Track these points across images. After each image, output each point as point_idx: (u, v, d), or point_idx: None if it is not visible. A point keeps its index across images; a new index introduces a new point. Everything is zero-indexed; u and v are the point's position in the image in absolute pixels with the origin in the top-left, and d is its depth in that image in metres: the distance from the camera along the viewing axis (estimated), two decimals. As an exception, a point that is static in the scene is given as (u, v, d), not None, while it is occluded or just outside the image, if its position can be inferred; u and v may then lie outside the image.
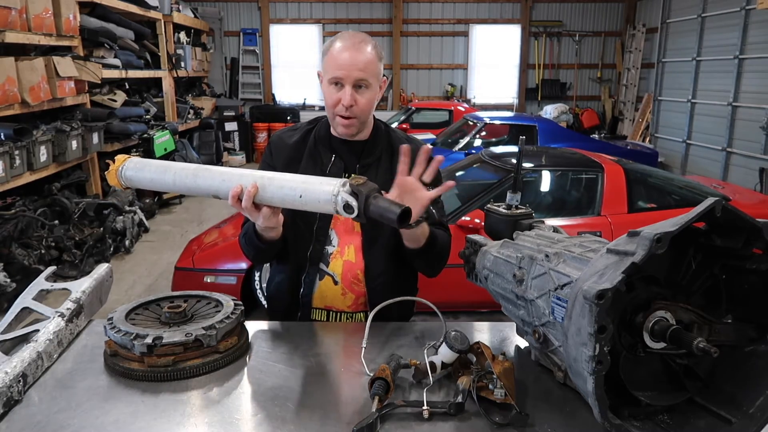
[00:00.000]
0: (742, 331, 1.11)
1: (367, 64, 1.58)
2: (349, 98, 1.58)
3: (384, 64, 1.71)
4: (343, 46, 1.59)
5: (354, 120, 1.62)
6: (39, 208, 5.11)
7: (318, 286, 1.74)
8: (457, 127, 7.93)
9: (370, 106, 1.64)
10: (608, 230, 3.81)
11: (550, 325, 1.21)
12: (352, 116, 1.61)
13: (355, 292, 1.72)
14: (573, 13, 12.92)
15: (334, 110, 1.61)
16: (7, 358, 1.31)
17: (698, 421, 1.08)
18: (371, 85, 1.61)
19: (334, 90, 1.60)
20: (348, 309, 1.74)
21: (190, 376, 1.33)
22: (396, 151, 1.68)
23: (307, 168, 1.73)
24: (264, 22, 12.62)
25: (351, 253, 1.72)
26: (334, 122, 1.65)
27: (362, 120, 1.64)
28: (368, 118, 1.69)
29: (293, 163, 1.75)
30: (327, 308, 1.75)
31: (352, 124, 1.63)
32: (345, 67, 1.57)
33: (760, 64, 7.27)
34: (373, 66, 1.60)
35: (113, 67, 6.72)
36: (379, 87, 1.67)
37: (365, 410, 1.18)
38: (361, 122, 1.65)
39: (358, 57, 1.57)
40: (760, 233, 1.02)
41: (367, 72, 1.58)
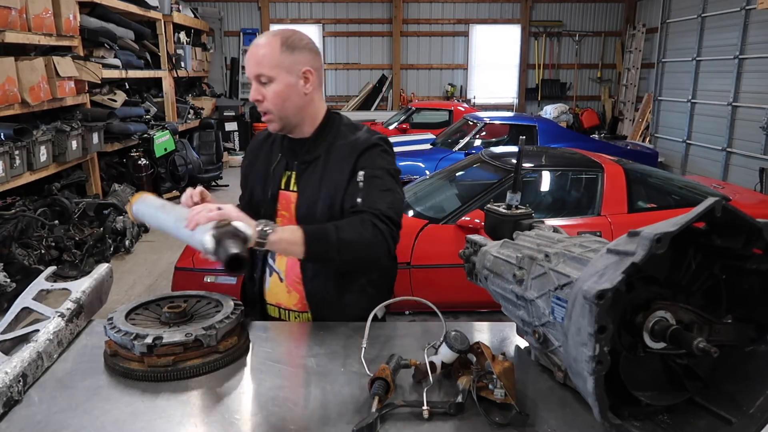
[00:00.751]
0: (742, 331, 1.10)
1: (263, 58, 1.55)
2: (254, 93, 1.58)
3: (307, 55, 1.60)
4: (250, 47, 1.61)
5: (270, 115, 1.61)
6: (39, 208, 5.11)
7: (269, 283, 1.77)
8: (457, 127, 7.93)
9: (281, 98, 1.58)
10: (608, 230, 3.81)
11: (550, 325, 1.21)
12: (266, 111, 1.60)
13: (298, 291, 1.72)
14: (573, 13, 12.92)
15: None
16: (7, 358, 1.31)
17: (698, 421, 1.08)
18: (275, 77, 1.56)
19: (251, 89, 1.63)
20: (294, 308, 1.75)
21: (190, 376, 1.33)
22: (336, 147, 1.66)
23: (259, 165, 1.78)
24: (264, 22, 12.62)
25: None
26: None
27: (279, 114, 1.60)
28: (289, 112, 1.61)
29: (254, 160, 1.81)
30: (277, 305, 1.77)
31: (270, 120, 1.62)
32: (247, 65, 1.59)
33: (760, 64, 7.26)
34: (270, 58, 1.55)
35: (113, 67, 6.72)
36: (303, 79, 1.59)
37: (365, 410, 1.18)
38: (279, 117, 1.61)
39: (254, 53, 1.57)
40: (760, 233, 1.02)
41: (263, 66, 1.55)
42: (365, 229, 1.49)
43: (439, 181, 4.72)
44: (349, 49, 12.93)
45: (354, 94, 12.98)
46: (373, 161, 1.62)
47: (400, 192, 1.64)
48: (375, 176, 1.59)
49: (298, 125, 1.67)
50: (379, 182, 1.59)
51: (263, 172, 1.76)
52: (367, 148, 1.63)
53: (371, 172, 1.60)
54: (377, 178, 1.59)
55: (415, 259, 3.78)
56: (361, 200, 1.55)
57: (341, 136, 1.69)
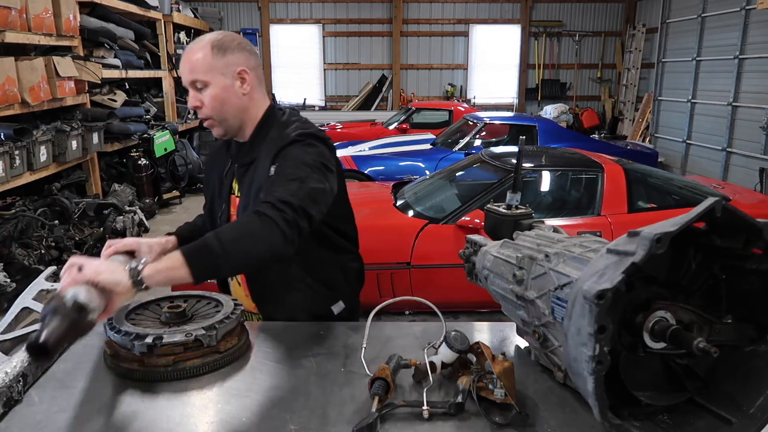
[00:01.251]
0: (742, 331, 1.10)
1: (195, 65, 1.54)
2: (191, 100, 1.57)
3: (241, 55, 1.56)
4: (183, 54, 1.59)
5: (211, 120, 1.59)
6: (39, 208, 5.11)
7: (233, 286, 1.78)
8: (457, 127, 7.93)
9: (219, 102, 1.55)
10: (608, 230, 3.81)
11: (550, 325, 1.21)
12: (206, 117, 1.58)
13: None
14: (573, 13, 12.93)
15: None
16: (7, 358, 1.31)
17: (698, 421, 1.08)
18: (209, 82, 1.54)
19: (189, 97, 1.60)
20: (254, 310, 1.76)
21: (190, 376, 1.33)
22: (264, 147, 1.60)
23: (215, 172, 1.78)
24: (264, 22, 12.63)
25: None
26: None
27: (219, 118, 1.58)
28: (228, 116, 1.59)
29: (212, 167, 1.81)
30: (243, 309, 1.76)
31: (213, 125, 1.60)
32: (181, 72, 1.57)
33: (760, 64, 7.26)
34: (202, 64, 1.53)
35: (113, 67, 6.71)
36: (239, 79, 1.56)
37: (365, 410, 1.18)
38: (220, 121, 1.59)
39: (187, 60, 1.55)
40: (760, 233, 1.02)
41: (196, 72, 1.54)
42: (250, 222, 1.37)
43: (439, 181, 4.72)
44: (349, 49, 12.94)
45: (354, 94, 12.99)
46: (289, 154, 1.53)
47: (317, 181, 1.48)
48: (284, 167, 1.50)
49: (241, 128, 1.64)
50: (289, 172, 1.47)
51: (218, 178, 1.76)
52: (286, 145, 1.55)
53: (281, 165, 1.51)
54: (287, 169, 1.49)
55: (415, 259, 3.78)
56: (263, 194, 1.46)
57: (272, 135, 1.63)
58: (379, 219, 4.13)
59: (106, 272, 1.22)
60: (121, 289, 1.22)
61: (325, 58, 12.94)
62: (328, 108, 13.03)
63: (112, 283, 1.21)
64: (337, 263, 1.76)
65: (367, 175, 6.38)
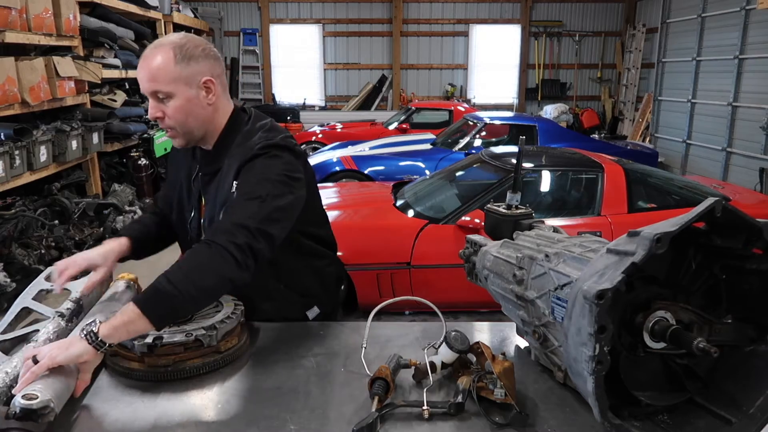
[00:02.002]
0: (742, 331, 1.10)
1: (158, 73, 1.43)
2: (152, 111, 1.47)
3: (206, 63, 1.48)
4: (141, 62, 1.47)
5: (172, 131, 1.50)
6: (39, 208, 5.10)
7: None
8: (457, 127, 7.93)
9: (183, 113, 1.47)
10: (608, 230, 3.81)
11: (550, 325, 1.21)
12: (169, 128, 1.50)
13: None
14: (573, 13, 12.92)
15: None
16: (7, 358, 1.31)
17: (698, 421, 1.08)
18: (174, 93, 1.44)
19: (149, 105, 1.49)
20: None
21: (190, 376, 1.33)
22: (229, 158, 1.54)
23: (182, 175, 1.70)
24: (264, 22, 12.62)
25: None
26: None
27: (183, 130, 1.50)
28: (193, 126, 1.51)
29: (179, 169, 1.73)
30: None
31: (174, 136, 1.52)
32: (140, 82, 1.46)
33: (760, 64, 7.26)
34: (165, 73, 1.43)
35: (113, 67, 6.71)
36: (204, 89, 1.49)
37: (365, 410, 1.18)
38: (184, 132, 1.51)
39: (147, 67, 1.44)
40: (760, 233, 1.02)
41: (158, 82, 1.43)
42: (199, 254, 1.34)
43: (439, 181, 4.72)
44: (349, 49, 12.93)
45: (354, 94, 12.98)
46: (252, 170, 1.46)
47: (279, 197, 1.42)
48: (244, 186, 1.45)
49: (204, 137, 1.56)
50: (248, 191, 1.43)
51: (185, 181, 1.69)
52: (248, 160, 1.48)
53: (242, 183, 1.46)
54: (246, 188, 1.44)
55: (415, 259, 3.78)
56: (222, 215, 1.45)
57: (237, 144, 1.56)
58: (379, 219, 4.13)
59: (63, 352, 1.18)
60: (86, 358, 1.21)
61: (325, 58, 12.94)
62: (328, 108, 13.03)
63: (75, 358, 1.19)
64: (311, 269, 1.73)
65: (367, 175, 6.38)
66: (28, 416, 1.08)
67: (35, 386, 1.14)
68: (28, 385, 1.14)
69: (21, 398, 1.09)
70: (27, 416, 1.08)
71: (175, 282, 1.28)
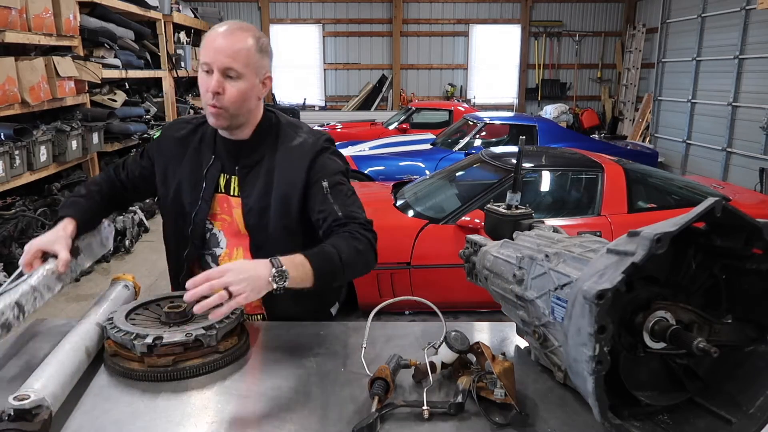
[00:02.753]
0: (742, 331, 1.10)
1: (238, 54, 1.48)
2: (215, 84, 1.48)
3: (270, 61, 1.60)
4: (219, 32, 1.50)
5: (222, 111, 1.52)
6: (39, 208, 5.10)
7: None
8: (457, 127, 7.93)
9: (242, 98, 1.52)
10: (608, 230, 3.81)
11: (550, 325, 1.21)
12: (220, 106, 1.51)
13: None
14: (573, 13, 12.93)
15: (204, 98, 1.53)
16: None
17: (698, 421, 1.08)
18: (243, 75, 1.50)
19: (204, 77, 1.51)
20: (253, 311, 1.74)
21: (190, 376, 1.33)
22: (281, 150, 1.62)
23: (185, 163, 1.68)
24: (264, 22, 12.63)
25: (240, 255, 1.68)
26: (206, 112, 1.57)
27: (233, 112, 1.54)
28: (241, 112, 1.56)
29: (176, 160, 1.70)
30: None
31: (220, 114, 1.53)
32: (214, 52, 1.48)
33: (760, 64, 7.26)
34: (246, 56, 1.49)
35: (113, 67, 6.71)
36: (262, 83, 1.57)
37: (365, 410, 1.18)
38: (231, 115, 1.54)
39: (229, 44, 1.48)
40: (760, 233, 1.02)
41: (237, 61, 1.48)
42: (359, 242, 1.51)
43: (439, 181, 4.72)
44: (349, 49, 12.94)
45: (354, 94, 12.99)
46: (330, 168, 1.61)
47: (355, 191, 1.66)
48: (338, 183, 1.60)
49: (241, 126, 1.61)
50: (344, 188, 1.60)
51: (191, 171, 1.68)
52: (318, 153, 1.61)
53: (333, 180, 1.59)
54: (341, 184, 1.60)
55: (415, 259, 3.79)
56: (341, 211, 1.55)
57: (285, 139, 1.65)
58: (379, 219, 4.10)
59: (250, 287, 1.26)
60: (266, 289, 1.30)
61: (325, 58, 12.94)
62: (328, 108, 13.04)
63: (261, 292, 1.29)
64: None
65: (367, 175, 6.38)
66: (22, 416, 1.08)
67: (32, 385, 1.14)
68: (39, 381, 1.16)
69: (12, 399, 1.09)
70: (21, 416, 1.08)
71: (341, 253, 1.44)
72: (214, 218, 1.69)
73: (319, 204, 1.57)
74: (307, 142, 1.63)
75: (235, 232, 1.68)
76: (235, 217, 1.67)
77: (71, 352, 1.29)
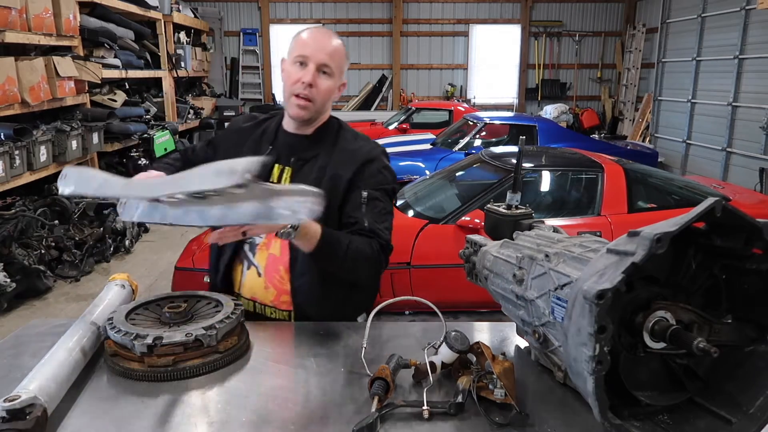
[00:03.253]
0: (742, 331, 1.10)
1: (335, 53, 1.61)
2: (311, 76, 1.58)
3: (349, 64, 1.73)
4: (316, 32, 1.64)
5: (310, 103, 1.61)
6: (39, 208, 5.10)
7: (246, 276, 1.75)
8: (457, 127, 7.93)
9: (328, 95, 1.64)
10: (608, 230, 3.80)
11: (550, 325, 1.21)
12: (310, 98, 1.60)
13: (277, 287, 1.71)
14: (573, 13, 12.92)
15: (292, 88, 1.60)
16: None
17: (698, 421, 1.08)
18: (333, 75, 1.62)
19: (297, 69, 1.60)
20: (270, 303, 1.74)
21: (190, 376, 1.33)
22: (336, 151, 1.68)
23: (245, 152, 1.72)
24: (264, 22, 12.62)
25: (276, 247, 1.71)
26: (290, 102, 1.63)
27: (317, 107, 1.63)
28: (322, 108, 1.66)
29: (234, 149, 1.75)
30: (252, 299, 1.76)
31: (308, 107, 1.61)
32: (313, 47, 1.59)
33: (760, 64, 7.26)
34: (339, 57, 1.62)
35: (113, 67, 6.71)
36: (338, 88, 1.68)
37: (365, 410, 1.18)
38: (315, 109, 1.63)
39: (328, 43, 1.61)
40: (760, 233, 1.02)
41: (333, 60, 1.60)
42: (371, 250, 1.56)
43: (439, 181, 4.72)
44: (349, 49, 12.82)
45: (354, 94, 12.98)
46: (376, 180, 1.66)
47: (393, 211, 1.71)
48: (377, 198, 1.64)
49: (313, 122, 1.69)
50: (381, 205, 1.65)
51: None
52: (369, 161, 1.67)
53: (374, 194, 1.64)
54: (379, 201, 1.64)
55: (415, 259, 3.78)
56: (368, 224, 1.60)
57: (343, 142, 1.72)
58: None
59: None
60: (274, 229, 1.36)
61: (325, 58, 12.93)
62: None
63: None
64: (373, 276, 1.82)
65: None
66: (16, 416, 1.09)
67: (27, 386, 1.14)
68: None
69: (3, 402, 1.09)
70: (14, 417, 1.09)
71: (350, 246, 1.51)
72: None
73: (351, 209, 1.62)
74: (363, 148, 1.70)
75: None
76: None
77: (66, 352, 1.29)
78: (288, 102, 1.64)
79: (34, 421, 1.08)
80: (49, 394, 1.15)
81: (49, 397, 1.15)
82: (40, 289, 4.52)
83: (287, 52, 1.66)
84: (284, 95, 1.66)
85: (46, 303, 4.47)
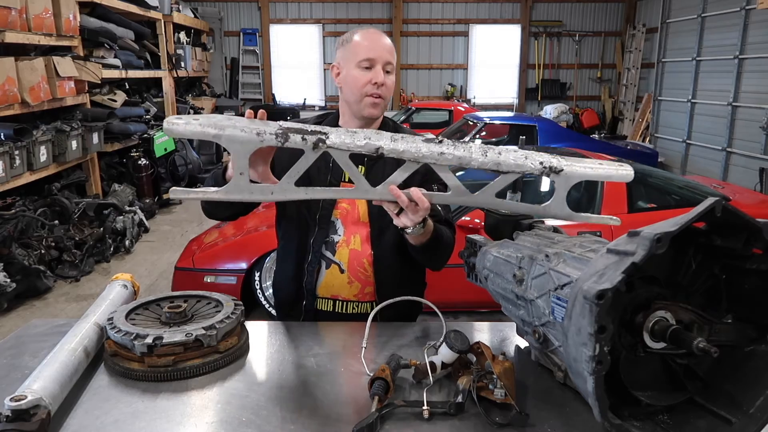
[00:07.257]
0: (742, 331, 1.10)
1: (392, 51, 1.72)
2: (383, 76, 1.66)
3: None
4: (373, 34, 1.71)
5: (383, 100, 1.70)
6: (39, 208, 5.11)
7: (324, 275, 1.76)
8: (457, 127, 7.93)
9: (392, 90, 1.72)
10: (608, 230, 3.80)
11: (550, 325, 1.21)
12: (382, 96, 1.68)
13: (361, 281, 1.74)
14: (573, 13, 12.92)
15: (364, 90, 1.66)
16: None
17: (698, 421, 1.08)
18: (393, 71, 1.72)
19: (364, 72, 1.66)
20: (354, 298, 1.75)
21: (190, 376, 1.33)
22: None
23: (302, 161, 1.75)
24: (264, 22, 12.63)
25: (357, 242, 1.74)
26: (362, 104, 1.68)
27: (386, 102, 1.73)
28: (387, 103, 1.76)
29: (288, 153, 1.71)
30: (333, 297, 1.76)
31: (378, 105, 1.69)
32: (377, 50, 1.67)
33: (760, 64, 7.26)
34: (394, 55, 1.72)
35: (113, 67, 6.71)
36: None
37: (365, 410, 1.18)
38: (385, 105, 1.73)
39: (387, 43, 1.71)
40: (760, 233, 1.02)
41: (393, 57, 1.71)
42: (452, 240, 1.73)
43: (439, 181, 4.71)
44: (349, 49, 12.91)
45: (354, 94, 12.98)
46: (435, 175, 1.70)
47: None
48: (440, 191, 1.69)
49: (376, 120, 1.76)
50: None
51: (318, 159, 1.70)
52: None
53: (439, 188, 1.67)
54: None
55: (415, 259, 3.78)
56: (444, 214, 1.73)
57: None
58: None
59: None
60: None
61: (325, 58, 12.94)
62: (328, 108, 13.03)
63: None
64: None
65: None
66: (20, 417, 1.08)
67: (31, 386, 1.14)
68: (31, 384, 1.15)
69: (9, 400, 1.09)
70: (18, 417, 1.08)
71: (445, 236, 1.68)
72: (334, 205, 1.76)
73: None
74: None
75: (354, 220, 1.75)
76: (357, 206, 1.74)
77: (70, 352, 1.29)
78: (360, 104, 1.69)
79: (39, 424, 1.08)
80: (52, 395, 1.15)
81: (53, 399, 1.15)
82: (40, 289, 4.52)
83: (342, 58, 1.70)
84: (351, 98, 1.69)
85: (46, 303, 4.47)
